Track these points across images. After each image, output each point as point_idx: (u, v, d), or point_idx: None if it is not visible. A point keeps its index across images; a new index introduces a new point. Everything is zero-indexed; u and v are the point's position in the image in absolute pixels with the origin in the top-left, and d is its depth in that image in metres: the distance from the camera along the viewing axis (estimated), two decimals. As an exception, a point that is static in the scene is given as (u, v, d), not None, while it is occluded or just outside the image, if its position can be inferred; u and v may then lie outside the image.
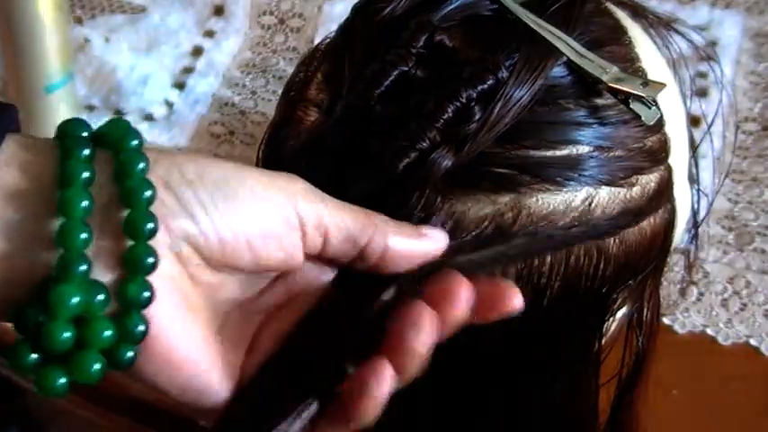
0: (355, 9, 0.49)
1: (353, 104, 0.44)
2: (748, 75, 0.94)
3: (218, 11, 1.05)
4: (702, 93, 0.89)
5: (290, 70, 0.53)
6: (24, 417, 0.69)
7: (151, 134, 0.94)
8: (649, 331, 0.53)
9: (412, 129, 0.42)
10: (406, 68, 0.44)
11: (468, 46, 0.45)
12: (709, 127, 0.65)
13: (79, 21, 1.03)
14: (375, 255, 0.40)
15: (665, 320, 0.78)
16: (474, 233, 0.43)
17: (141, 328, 0.36)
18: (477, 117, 0.42)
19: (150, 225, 0.36)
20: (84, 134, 0.38)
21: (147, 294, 0.36)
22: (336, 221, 0.40)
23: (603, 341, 0.50)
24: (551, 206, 0.44)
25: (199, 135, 0.94)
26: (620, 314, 0.51)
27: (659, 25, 0.54)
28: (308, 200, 0.39)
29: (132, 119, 0.95)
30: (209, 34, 1.03)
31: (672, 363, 0.75)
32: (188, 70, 1.00)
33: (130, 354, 0.37)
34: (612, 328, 0.51)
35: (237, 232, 0.38)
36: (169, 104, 0.97)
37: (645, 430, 0.58)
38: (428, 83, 0.44)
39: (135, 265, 0.36)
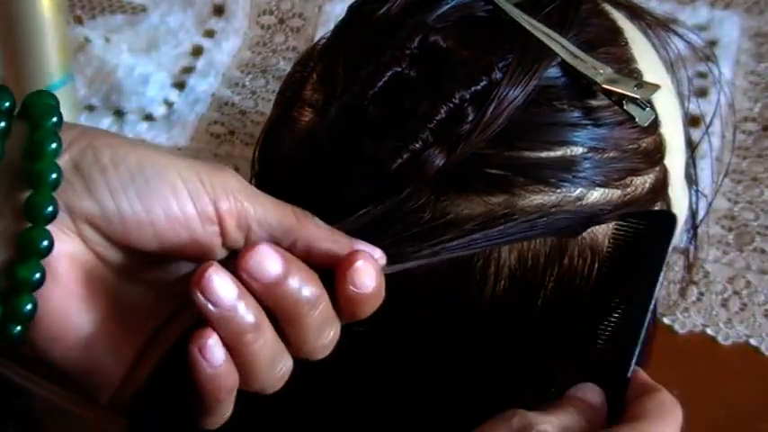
0: (351, 9, 0.49)
1: (348, 105, 0.44)
2: (748, 75, 0.94)
3: (218, 11, 1.04)
4: (702, 93, 0.89)
5: (290, 70, 0.53)
6: (24, 417, 0.70)
7: (151, 134, 0.94)
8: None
9: (405, 129, 0.42)
10: (400, 69, 0.44)
11: (462, 47, 0.45)
12: (708, 127, 0.65)
13: (79, 21, 1.03)
14: (300, 254, 0.39)
15: (665, 320, 0.78)
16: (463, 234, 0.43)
17: (29, 307, 0.37)
18: (470, 118, 0.42)
19: (49, 209, 0.36)
20: (7, 104, 0.38)
21: (37, 276, 0.37)
22: (260, 220, 0.39)
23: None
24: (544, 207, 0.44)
25: (199, 135, 0.94)
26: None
27: (657, 26, 0.54)
28: (230, 196, 0.39)
29: (132, 119, 0.95)
30: (209, 34, 1.03)
31: (672, 363, 0.74)
32: (188, 70, 0.99)
33: (18, 329, 0.37)
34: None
35: (142, 219, 0.38)
36: (169, 104, 0.97)
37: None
38: (422, 83, 0.44)
39: (28, 247, 0.36)
